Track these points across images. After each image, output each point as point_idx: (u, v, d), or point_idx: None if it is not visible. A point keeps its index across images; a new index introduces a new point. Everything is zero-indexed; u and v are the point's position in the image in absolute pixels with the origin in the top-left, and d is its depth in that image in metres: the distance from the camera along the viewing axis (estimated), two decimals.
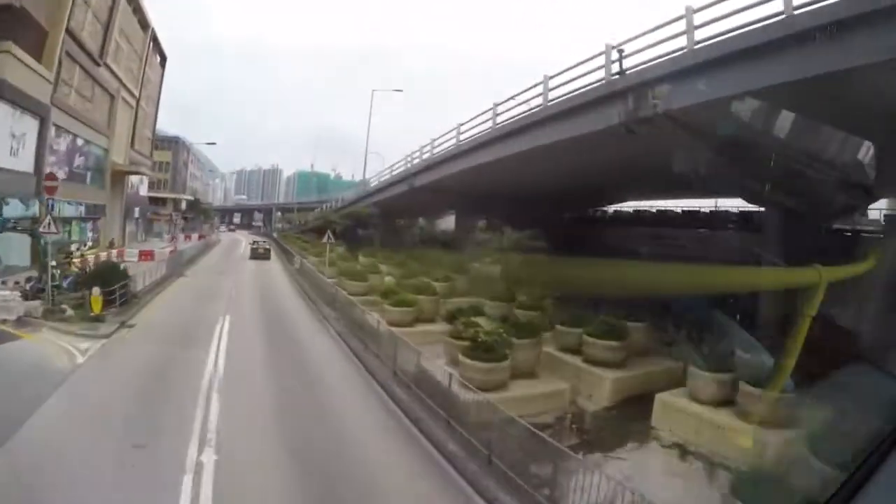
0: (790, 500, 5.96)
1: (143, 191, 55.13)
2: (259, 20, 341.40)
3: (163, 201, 73.66)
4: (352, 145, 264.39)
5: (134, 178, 50.47)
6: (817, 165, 11.60)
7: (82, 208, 33.87)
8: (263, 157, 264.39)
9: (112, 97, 41.13)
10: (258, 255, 40.31)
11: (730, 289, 12.91)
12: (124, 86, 43.52)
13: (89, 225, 36.14)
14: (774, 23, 10.33)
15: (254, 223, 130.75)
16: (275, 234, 75.92)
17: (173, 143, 74.34)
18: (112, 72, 39.60)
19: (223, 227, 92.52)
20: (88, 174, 35.47)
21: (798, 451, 6.80)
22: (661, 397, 11.32)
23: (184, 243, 57.82)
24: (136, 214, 50.56)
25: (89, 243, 35.84)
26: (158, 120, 58.24)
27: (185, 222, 76.97)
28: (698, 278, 13.12)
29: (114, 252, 35.27)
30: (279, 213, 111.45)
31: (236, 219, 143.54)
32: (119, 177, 44.35)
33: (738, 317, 13.42)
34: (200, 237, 64.12)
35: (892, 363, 8.43)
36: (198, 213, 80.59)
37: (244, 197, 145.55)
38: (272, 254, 42.04)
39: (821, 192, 12.47)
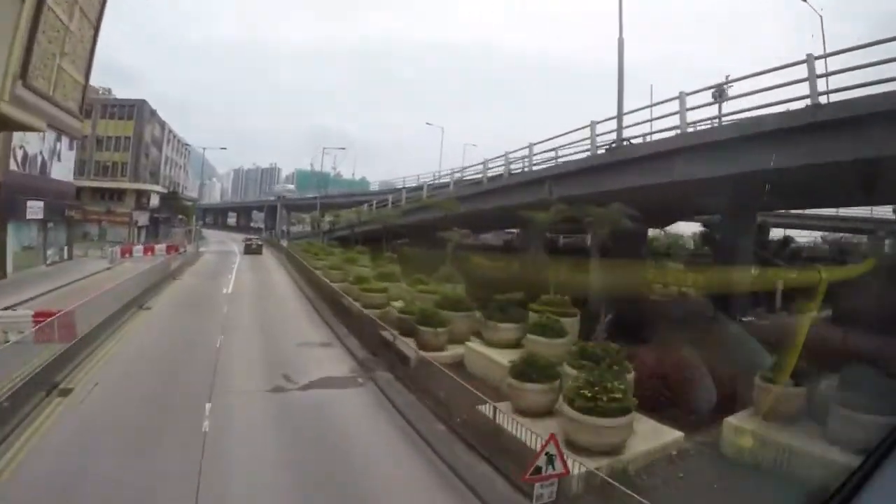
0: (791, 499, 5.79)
1: (63, 172, 31.50)
2: (256, 21, 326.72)
3: (118, 194, 50.06)
4: (350, 146, 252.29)
5: (32, 146, 27.02)
6: None
7: None
8: (260, 157, 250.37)
9: None
10: (251, 250, 44.17)
11: (730, 289, 12.16)
12: None
13: None
14: None
15: (252, 224, 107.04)
16: (284, 242, 52.36)
17: (136, 111, 50.63)
18: None
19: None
20: None
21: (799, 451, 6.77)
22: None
23: (143, 261, 34.57)
24: (36, 213, 26.72)
25: None
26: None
27: (151, 226, 53.30)
28: (698, 278, 13.11)
29: None
30: (285, 212, 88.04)
31: (231, 219, 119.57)
32: None
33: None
34: (171, 250, 40.52)
35: (892, 363, 7.89)
36: (175, 213, 56.93)
37: (291, 187, 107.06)
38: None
39: None
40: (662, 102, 14.75)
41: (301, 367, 12.00)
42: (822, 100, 10.80)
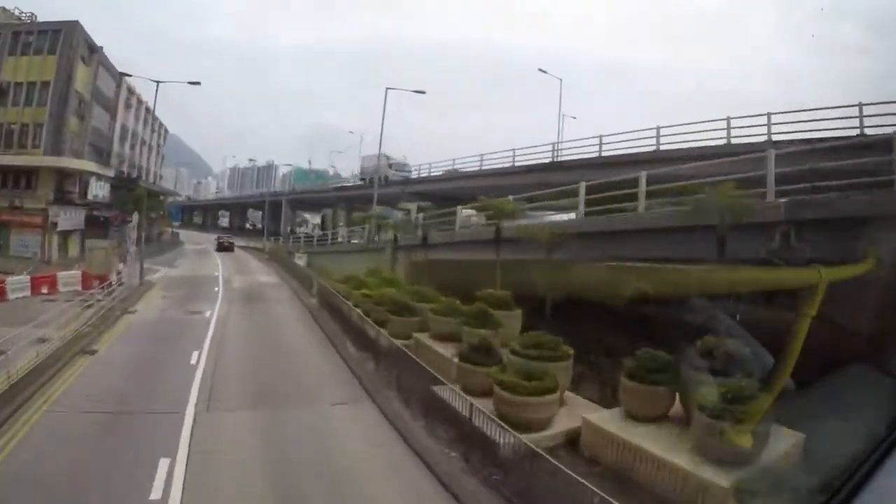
0: (790, 500, 5.75)
1: None
2: (255, 21, 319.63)
3: (27, 177, 30.35)
4: (347, 145, 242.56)
5: None
6: None
7: None
8: (258, 156, 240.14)
9: None
10: (224, 248, 44.50)
11: (729, 289, 11.52)
12: None
13: None
14: None
15: (249, 225, 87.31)
16: (299, 259, 32.76)
17: (62, 38, 30.91)
18: None
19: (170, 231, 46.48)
20: None
21: (798, 452, 6.72)
22: None
23: (17, 312, 14.97)
24: None
25: None
26: None
27: (92, 230, 33.52)
28: (697, 278, 12.40)
29: None
30: (289, 210, 68.64)
31: (223, 220, 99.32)
32: None
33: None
34: (89, 280, 20.82)
35: (892, 363, 7.29)
36: (131, 210, 36.88)
37: (396, 158, 39.67)
38: None
39: None
40: None
41: None
42: None
